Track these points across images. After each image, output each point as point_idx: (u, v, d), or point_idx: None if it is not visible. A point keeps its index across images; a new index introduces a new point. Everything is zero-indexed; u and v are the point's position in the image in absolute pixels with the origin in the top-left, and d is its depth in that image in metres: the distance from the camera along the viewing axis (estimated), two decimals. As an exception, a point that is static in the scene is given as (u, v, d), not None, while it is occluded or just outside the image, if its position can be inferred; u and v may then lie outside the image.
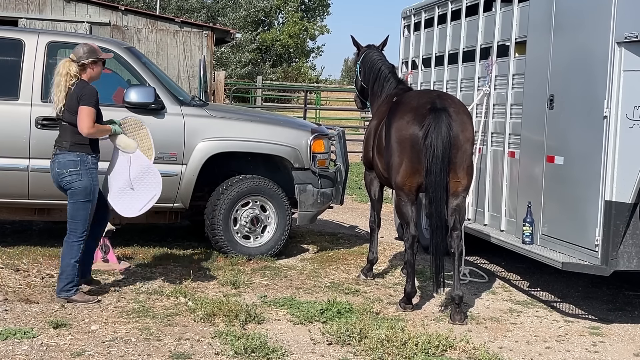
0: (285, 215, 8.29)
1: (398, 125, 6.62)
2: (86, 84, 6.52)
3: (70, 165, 6.45)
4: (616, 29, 6.08)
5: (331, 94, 40.59)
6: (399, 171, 6.59)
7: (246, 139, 8.23)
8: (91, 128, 6.38)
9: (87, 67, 6.56)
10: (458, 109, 6.60)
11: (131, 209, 6.66)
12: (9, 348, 5.25)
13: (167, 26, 17.53)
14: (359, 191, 13.77)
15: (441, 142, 6.27)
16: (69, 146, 6.47)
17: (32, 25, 16.32)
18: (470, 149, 6.59)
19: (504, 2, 7.86)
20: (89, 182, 6.45)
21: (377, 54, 7.81)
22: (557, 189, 6.83)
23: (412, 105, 6.69)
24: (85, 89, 6.46)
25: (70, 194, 6.46)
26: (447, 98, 6.81)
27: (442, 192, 6.33)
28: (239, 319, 5.97)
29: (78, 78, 6.51)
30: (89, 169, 6.47)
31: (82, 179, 6.43)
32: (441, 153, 6.27)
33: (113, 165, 6.66)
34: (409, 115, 6.58)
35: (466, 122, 6.57)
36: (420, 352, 5.39)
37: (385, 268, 8.25)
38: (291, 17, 50.14)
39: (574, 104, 6.61)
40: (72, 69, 6.50)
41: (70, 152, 6.47)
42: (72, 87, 6.46)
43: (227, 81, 28.35)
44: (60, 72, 6.51)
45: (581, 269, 6.41)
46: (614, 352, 5.85)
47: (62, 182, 6.50)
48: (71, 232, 6.49)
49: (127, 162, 6.61)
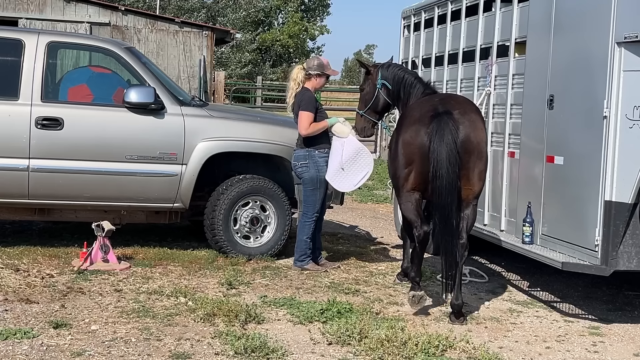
0: (285, 215, 8.29)
1: (404, 138, 6.48)
2: (307, 91, 7.74)
3: (300, 159, 7.72)
4: (616, 29, 6.08)
5: (331, 94, 40.56)
6: (408, 179, 6.45)
7: (246, 139, 8.22)
8: (307, 130, 7.59)
9: (312, 77, 7.79)
10: (464, 109, 6.44)
11: (347, 185, 7.70)
12: (9, 348, 5.25)
13: (167, 26, 17.54)
14: (359, 191, 13.77)
15: (445, 146, 6.10)
16: (300, 143, 7.75)
17: (32, 25, 16.33)
18: (484, 149, 6.42)
19: (504, 2, 7.86)
20: (315, 173, 7.67)
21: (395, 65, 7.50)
22: (557, 189, 6.83)
23: (415, 116, 6.54)
24: (305, 95, 7.69)
25: (302, 182, 7.73)
26: (451, 100, 6.65)
27: (453, 197, 6.15)
28: (239, 319, 5.97)
29: (302, 85, 7.76)
30: (316, 162, 7.67)
31: (310, 170, 7.68)
32: (446, 157, 6.09)
33: (331, 149, 7.70)
34: (413, 127, 6.43)
35: (476, 121, 6.40)
36: (420, 352, 5.39)
37: (385, 268, 8.25)
38: (291, 17, 50.17)
39: (574, 104, 6.61)
40: (299, 76, 7.78)
41: (300, 148, 7.74)
42: (297, 93, 7.69)
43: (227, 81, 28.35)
44: (292, 76, 7.87)
45: (581, 269, 6.40)
46: (614, 352, 5.85)
47: (296, 173, 7.79)
48: (304, 214, 7.79)
49: (341, 146, 7.61)
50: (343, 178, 7.60)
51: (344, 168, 7.56)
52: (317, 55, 7.85)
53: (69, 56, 8.78)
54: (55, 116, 7.76)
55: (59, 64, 8.36)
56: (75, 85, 8.23)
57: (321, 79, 7.83)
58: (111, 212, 8.12)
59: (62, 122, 7.76)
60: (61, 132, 7.76)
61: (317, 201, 7.75)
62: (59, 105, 7.89)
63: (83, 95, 8.14)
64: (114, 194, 7.93)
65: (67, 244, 8.36)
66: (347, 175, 7.58)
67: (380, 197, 13.63)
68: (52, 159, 7.75)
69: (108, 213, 8.08)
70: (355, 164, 7.60)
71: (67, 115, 7.80)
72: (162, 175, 7.96)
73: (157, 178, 7.96)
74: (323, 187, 7.74)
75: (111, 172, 7.86)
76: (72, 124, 7.81)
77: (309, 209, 7.76)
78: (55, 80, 8.20)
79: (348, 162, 7.57)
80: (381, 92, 7.35)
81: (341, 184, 7.66)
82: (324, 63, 7.82)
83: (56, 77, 8.27)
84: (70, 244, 8.34)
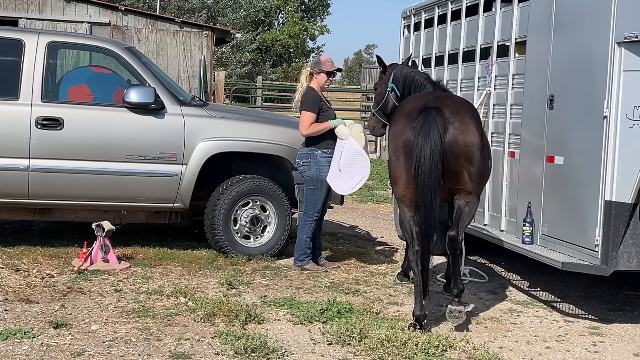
0: (285, 215, 8.29)
1: (392, 132, 6.33)
2: (311, 90, 7.74)
3: (303, 157, 7.76)
4: (616, 29, 6.08)
5: (331, 94, 40.47)
6: (397, 182, 6.23)
7: (246, 139, 8.23)
8: (307, 130, 7.62)
9: (314, 76, 7.81)
10: (458, 110, 6.13)
11: (344, 187, 7.68)
12: (9, 348, 5.25)
13: (167, 26, 17.53)
14: (359, 191, 13.74)
15: (430, 141, 5.78)
16: (304, 142, 7.79)
17: (32, 25, 16.32)
18: (477, 152, 6.07)
19: (504, 2, 7.86)
20: (316, 173, 7.68)
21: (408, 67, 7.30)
22: (557, 189, 6.83)
23: (406, 110, 6.34)
24: (308, 95, 7.72)
25: (304, 181, 7.79)
26: (446, 98, 6.38)
27: (434, 195, 5.83)
28: (239, 319, 5.97)
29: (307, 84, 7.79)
30: (317, 162, 7.68)
31: (311, 169, 7.70)
32: (429, 152, 5.77)
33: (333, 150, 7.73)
34: (402, 121, 6.22)
35: (467, 124, 6.07)
36: (420, 352, 5.39)
37: (385, 268, 8.25)
38: (291, 17, 50.17)
39: (574, 104, 6.61)
40: (304, 76, 7.88)
41: (304, 146, 7.77)
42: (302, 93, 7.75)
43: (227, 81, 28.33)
44: (300, 76, 8.00)
45: (581, 269, 6.40)
46: (614, 352, 5.85)
47: (298, 170, 7.84)
48: (305, 213, 7.81)
49: (341, 147, 7.61)
50: (341, 180, 7.60)
51: (341, 170, 7.56)
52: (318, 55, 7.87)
53: (69, 56, 8.78)
54: (56, 116, 7.77)
55: (59, 64, 8.37)
56: (75, 85, 8.24)
57: (321, 76, 7.81)
58: (111, 212, 8.12)
59: (62, 122, 7.77)
60: (61, 132, 7.76)
61: (318, 201, 7.76)
62: (59, 105, 7.90)
63: (83, 95, 8.14)
64: (114, 194, 7.93)
65: (67, 244, 8.37)
66: (344, 177, 7.57)
67: (380, 197, 13.63)
68: (52, 159, 7.76)
69: (108, 213, 8.08)
70: (353, 167, 7.58)
71: (67, 115, 7.81)
72: (162, 175, 7.96)
73: (157, 178, 7.97)
74: (324, 187, 7.73)
75: (111, 172, 7.86)
76: (72, 124, 7.81)
77: (310, 208, 7.78)
78: (55, 80, 8.21)
79: (346, 164, 7.57)
80: (391, 95, 7.19)
81: (339, 185, 7.65)
82: (321, 60, 7.84)
83: (56, 77, 8.27)
84: (70, 244, 8.34)
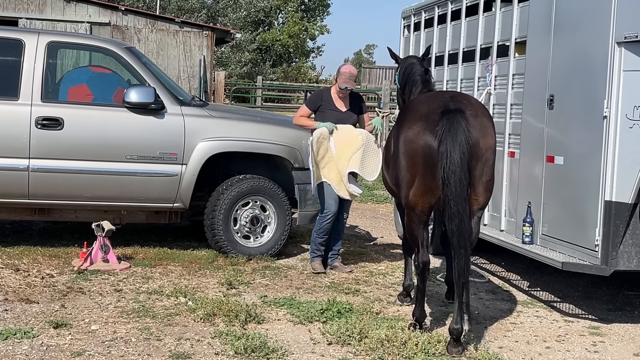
0: (285, 215, 8.29)
1: (407, 136, 5.78)
2: (324, 89, 8.20)
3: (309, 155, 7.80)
4: (616, 29, 6.08)
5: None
6: (410, 189, 5.77)
7: (246, 139, 8.22)
8: (295, 120, 8.02)
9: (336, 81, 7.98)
10: (476, 111, 5.77)
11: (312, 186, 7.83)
12: (9, 348, 5.25)
13: (167, 26, 17.55)
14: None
15: (458, 147, 5.39)
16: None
17: (32, 25, 16.34)
18: (492, 158, 5.75)
19: (504, 2, 7.86)
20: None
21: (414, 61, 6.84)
22: (557, 189, 6.83)
23: (421, 111, 5.81)
24: (315, 92, 8.31)
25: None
26: (463, 99, 5.95)
27: (465, 205, 5.40)
28: (239, 319, 5.97)
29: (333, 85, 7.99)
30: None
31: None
32: (459, 158, 5.36)
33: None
34: (419, 123, 5.71)
35: (487, 127, 5.74)
36: (420, 352, 5.39)
37: (385, 268, 8.25)
38: (291, 17, 50.15)
39: (574, 104, 6.61)
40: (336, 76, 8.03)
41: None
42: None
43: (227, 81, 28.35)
44: None
45: (581, 269, 6.40)
46: (614, 352, 5.85)
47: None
48: (319, 211, 7.93)
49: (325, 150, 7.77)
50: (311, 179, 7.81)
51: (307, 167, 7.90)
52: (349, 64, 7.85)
53: (69, 56, 8.78)
54: (56, 116, 7.76)
55: (59, 64, 8.37)
56: (75, 85, 8.24)
57: (336, 85, 7.94)
58: (111, 212, 8.12)
59: (62, 122, 7.76)
60: (61, 132, 7.76)
61: (327, 199, 7.76)
62: (59, 105, 7.89)
63: (83, 95, 8.14)
64: (114, 194, 7.93)
65: (67, 244, 8.37)
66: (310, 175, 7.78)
67: (380, 197, 13.63)
68: (52, 159, 7.75)
69: (108, 213, 8.08)
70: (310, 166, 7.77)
71: (67, 115, 7.81)
72: (162, 175, 7.96)
73: (157, 178, 7.96)
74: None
75: (111, 172, 7.86)
76: (72, 123, 7.81)
77: (322, 207, 7.86)
78: (55, 80, 8.20)
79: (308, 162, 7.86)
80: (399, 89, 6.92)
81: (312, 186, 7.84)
82: (340, 71, 7.89)
83: (56, 77, 8.27)
84: (70, 244, 8.34)
